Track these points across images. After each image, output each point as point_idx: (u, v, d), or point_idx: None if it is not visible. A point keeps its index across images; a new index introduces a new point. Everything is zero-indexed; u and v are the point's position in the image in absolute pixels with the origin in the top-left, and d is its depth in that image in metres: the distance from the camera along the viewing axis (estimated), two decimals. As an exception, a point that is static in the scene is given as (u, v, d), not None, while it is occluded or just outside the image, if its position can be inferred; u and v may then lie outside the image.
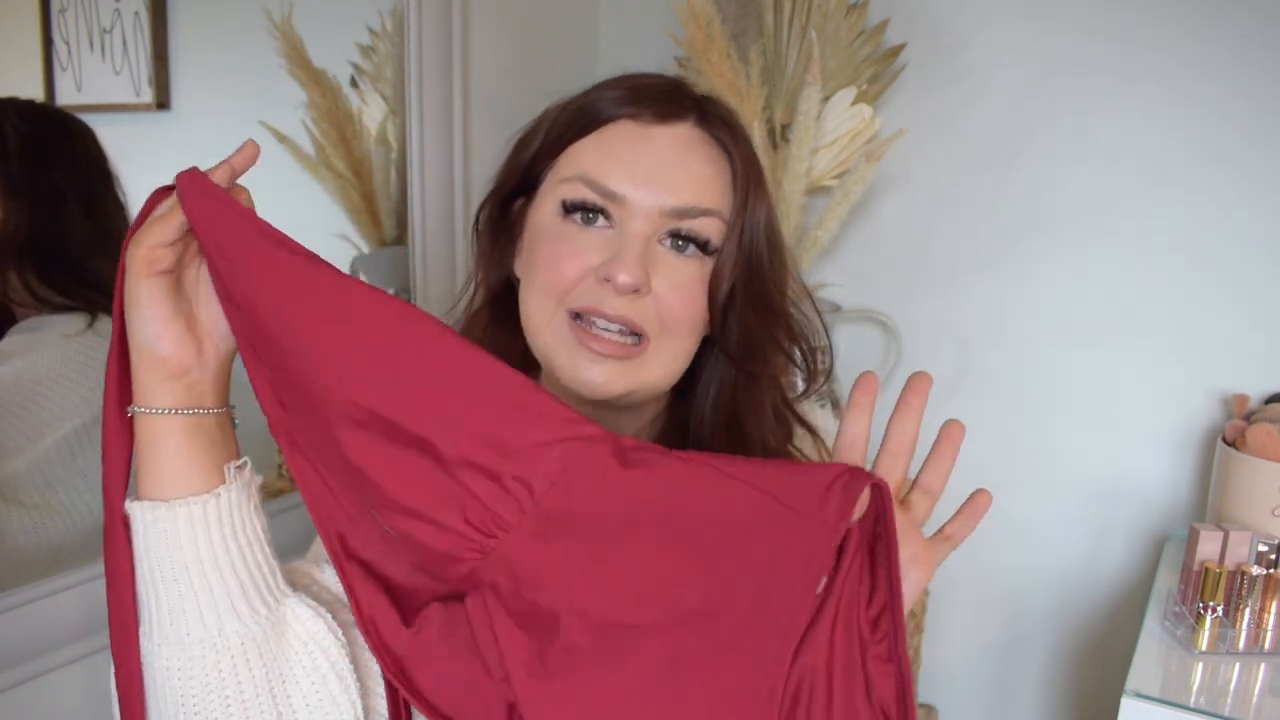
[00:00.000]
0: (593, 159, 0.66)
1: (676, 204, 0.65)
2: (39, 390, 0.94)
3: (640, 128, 0.67)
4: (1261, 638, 1.03)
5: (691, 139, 0.67)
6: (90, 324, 0.96)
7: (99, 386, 0.96)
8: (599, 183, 0.65)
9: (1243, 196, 1.21)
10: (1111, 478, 1.34)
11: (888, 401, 0.61)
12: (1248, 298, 1.23)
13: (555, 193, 0.67)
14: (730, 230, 0.67)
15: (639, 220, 0.65)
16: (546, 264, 0.66)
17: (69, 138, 0.98)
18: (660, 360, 0.67)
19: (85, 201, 0.97)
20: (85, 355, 0.97)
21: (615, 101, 0.67)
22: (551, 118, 0.70)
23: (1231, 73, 1.19)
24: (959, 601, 1.48)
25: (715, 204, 0.67)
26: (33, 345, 0.94)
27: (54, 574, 0.91)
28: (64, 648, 0.91)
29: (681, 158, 0.66)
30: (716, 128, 0.68)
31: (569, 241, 0.66)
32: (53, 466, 0.95)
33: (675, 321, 0.66)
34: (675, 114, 0.67)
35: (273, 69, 1.17)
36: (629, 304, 0.64)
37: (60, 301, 0.95)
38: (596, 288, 0.64)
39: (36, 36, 1.00)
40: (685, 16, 1.22)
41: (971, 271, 1.39)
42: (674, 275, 0.66)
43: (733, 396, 0.72)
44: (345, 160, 1.25)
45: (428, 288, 1.25)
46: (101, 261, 0.98)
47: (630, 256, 0.63)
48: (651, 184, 0.65)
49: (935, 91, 1.37)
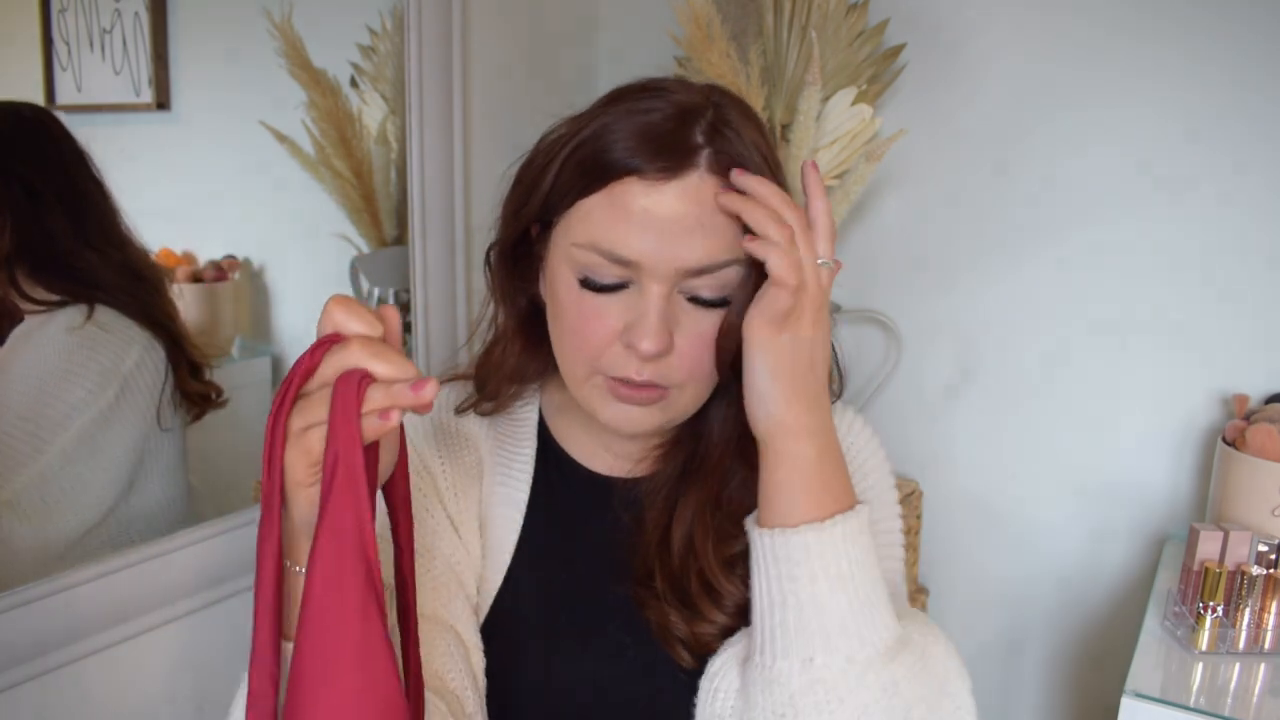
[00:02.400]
0: (603, 225, 0.65)
1: (692, 264, 0.65)
2: (47, 388, 0.94)
3: (647, 186, 0.64)
4: (1261, 638, 1.03)
5: (702, 191, 0.65)
6: (89, 315, 0.97)
7: (107, 378, 0.96)
8: (612, 252, 0.65)
9: (1243, 196, 1.21)
10: (1111, 478, 1.34)
11: (889, 401, 0.61)
12: (1248, 297, 1.23)
13: (570, 257, 0.68)
14: (747, 268, 0.67)
15: (656, 283, 0.65)
16: (573, 330, 0.69)
17: (32, 132, 0.97)
18: (687, 399, 0.71)
19: (64, 196, 0.97)
20: (89, 348, 0.97)
21: (622, 151, 0.65)
22: (557, 157, 0.68)
23: (1234, 72, 1.19)
24: (958, 601, 1.48)
25: (732, 253, 0.66)
26: (36, 345, 0.94)
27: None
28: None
29: (694, 213, 0.65)
30: (733, 158, 0.66)
31: (590, 305, 0.67)
32: (72, 465, 0.95)
33: (700, 370, 0.69)
34: (683, 165, 0.65)
35: (273, 69, 1.17)
36: (654, 368, 0.67)
37: (55, 299, 0.95)
38: (624, 354, 0.67)
39: (36, 36, 1.00)
40: (685, 16, 1.21)
41: (971, 271, 1.39)
42: (695, 328, 0.68)
43: (739, 414, 0.71)
44: (345, 160, 1.25)
45: (428, 288, 1.25)
46: (88, 252, 0.98)
47: (651, 325, 0.65)
48: (663, 248, 0.64)
49: (935, 91, 1.37)
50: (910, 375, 1.45)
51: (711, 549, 0.72)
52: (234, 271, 1.22)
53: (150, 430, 1.03)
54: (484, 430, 0.82)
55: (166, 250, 1.14)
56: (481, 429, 0.82)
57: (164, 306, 1.05)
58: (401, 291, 1.35)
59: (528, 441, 0.81)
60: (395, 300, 1.36)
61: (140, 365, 1.00)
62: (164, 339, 1.04)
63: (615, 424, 0.70)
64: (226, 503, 1.11)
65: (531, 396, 0.83)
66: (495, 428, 0.82)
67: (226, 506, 1.09)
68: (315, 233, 1.32)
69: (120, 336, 1.00)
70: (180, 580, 1.01)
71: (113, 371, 0.98)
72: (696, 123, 0.66)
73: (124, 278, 1.01)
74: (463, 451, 0.81)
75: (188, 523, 1.06)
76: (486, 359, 0.80)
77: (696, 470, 0.76)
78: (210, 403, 1.11)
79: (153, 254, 1.13)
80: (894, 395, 1.46)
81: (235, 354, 1.25)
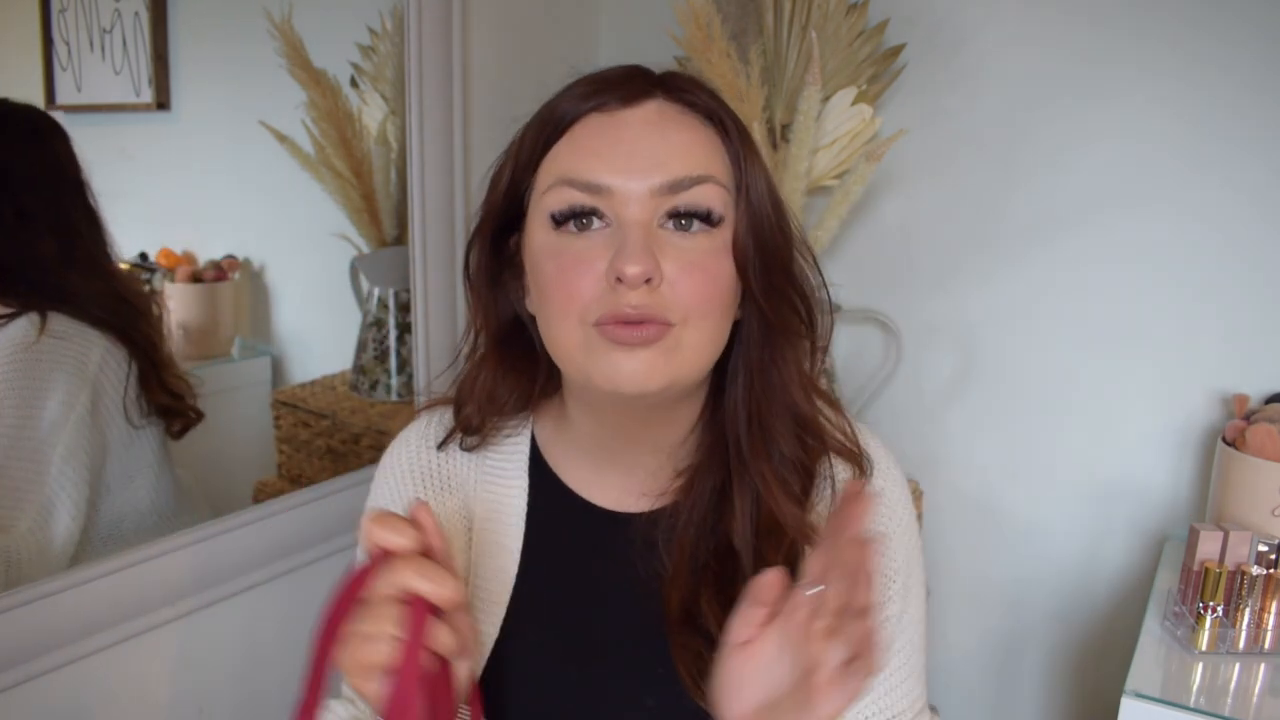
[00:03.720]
0: (568, 160, 0.64)
1: (665, 179, 0.62)
2: (24, 413, 0.92)
3: (608, 116, 0.64)
4: (1261, 638, 1.03)
5: (664, 111, 0.65)
6: (42, 326, 0.93)
7: (76, 385, 0.94)
8: (580, 179, 0.62)
9: (1244, 195, 1.21)
10: (1111, 478, 1.34)
11: (889, 401, 0.61)
12: (1248, 297, 1.23)
13: (541, 207, 0.65)
14: (733, 193, 0.65)
15: (633, 207, 0.62)
16: (555, 284, 0.63)
17: (36, 148, 0.94)
18: (692, 345, 0.63)
19: (53, 222, 0.94)
20: (52, 360, 0.94)
21: (577, 99, 0.65)
22: (519, 136, 0.68)
23: (1236, 72, 1.19)
24: (959, 601, 1.48)
25: (706, 169, 0.64)
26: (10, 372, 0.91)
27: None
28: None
29: (658, 131, 0.64)
30: (688, 95, 0.66)
31: (570, 253, 0.63)
32: (63, 474, 0.94)
33: (697, 303, 0.62)
34: (640, 94, 0.65)
35: (273, 69, 1.17)
36: (646, 296, 0.60)
37: (10, 311, 0.92)
38: (610, 292, 0.61)
39: (36, 36, 1.00)
40: (685, 16, 1.21)
41: (971, 271, 1.39)
42: (684, 256, 0.62)
43: (763, 378, 0.69)
44: (345, 160, 1.25)
45: (428, 288, 1.25)
46: (69, 275, 0.95)
47: (633, 246, 0.60)
48: (633, 166, 0.62)
49: (935, 91, 1.37)
50: (910, 375, 1.45)
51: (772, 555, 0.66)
52: (234, 271, 1.22)
53: (123, 428, 1.02)
54: (471, 469, 0.76)
55: (166, 250, 1.15)
56: (469, 468, 0.76)
57: (146, 332, 1.03)
58: (401, 291, 1.35)
59: (518, 479, 0.74)
60: (395, 300, 1.36)
61: (104, 366, 0.99)
62: (136, 357, 1.02)
63: (614, 381, 0.61)
64: (225, 503, 1.11)
65: (521, 427, 0.76)
66: (483, 465, 0.76)
67: (225, 507, 1.09)
68: (315, 233, 1.32)
69: (78, 342, 0.97)
70: (180, 580, 1.01)
71: (79, 377, 0.96)
72: (648, 72, 0.67)
73: (104, 299, 0.99)
74: (445, 496, 0.75)
75: (183, 519, 1.06)
76: (465, 383, 0.74)
77: (736, 462, 0.69)
78: (188, 420, 1.08)
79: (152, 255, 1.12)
80: (894, 395, 1.46)
81: (235, 354, 1.25)
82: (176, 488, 1.09)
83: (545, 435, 0.76)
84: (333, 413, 1.31)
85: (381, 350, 1.38)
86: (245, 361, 1.26)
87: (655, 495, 0.71)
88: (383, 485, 0.79)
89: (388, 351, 1.38)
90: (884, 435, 0.83)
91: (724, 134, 0.66)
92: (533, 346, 0.72)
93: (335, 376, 1.37)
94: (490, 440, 0.76)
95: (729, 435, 0.70)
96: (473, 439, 0.75)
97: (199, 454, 1.11)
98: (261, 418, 1.30)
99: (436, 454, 0.77)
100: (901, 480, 0.77)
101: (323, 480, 1.19)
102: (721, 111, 0.66)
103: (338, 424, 1.30)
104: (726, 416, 0.70)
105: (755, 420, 0.69)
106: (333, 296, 1.38)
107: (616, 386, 0.62)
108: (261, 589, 1.10)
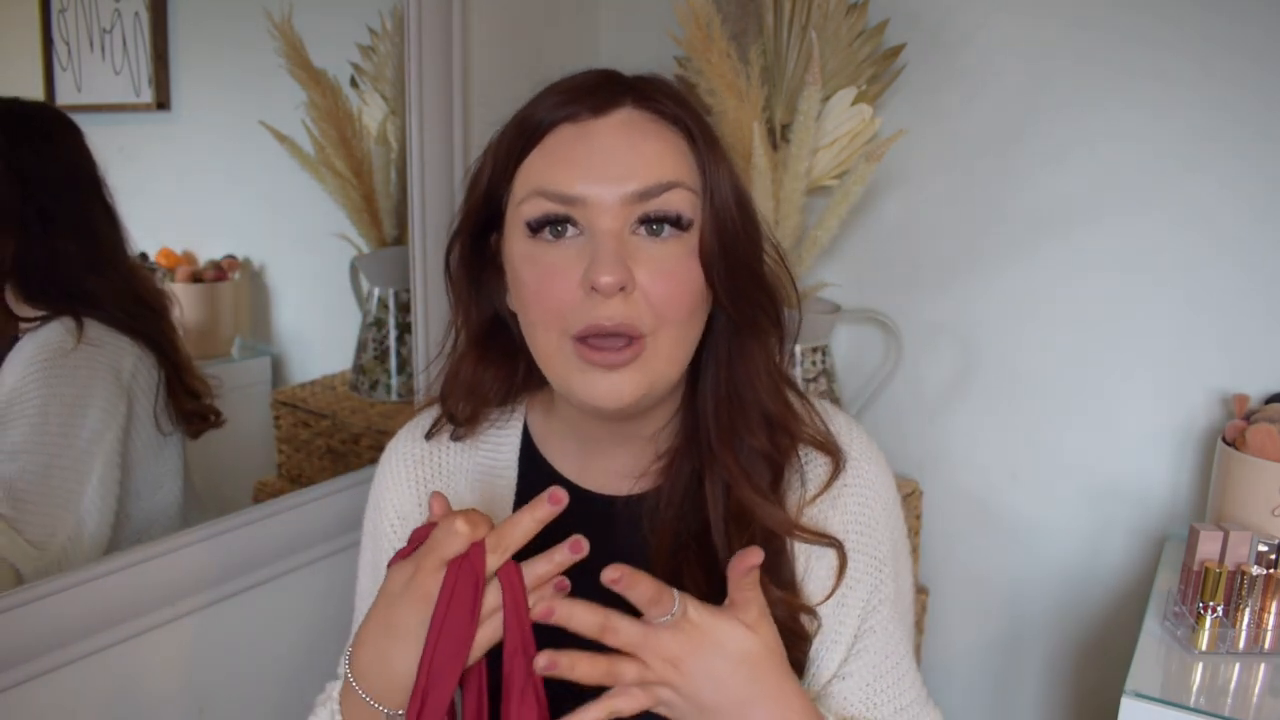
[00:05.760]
0: (541, 170, 0.66)
1: (635, 188, 0.65)
2: (66, 422, 0.91)
3: (579, 126, 0.66)
4: (1261, 638, 1.03)
5: (632, 119, 0.67)
6: (79, 333, 0.93)
7: (115, 394, 0.94)
8: (553, 190, 0.65)
9: (1245, 195, 1.21)
10: (1111, 478, 1.34)
11: (889, 401, 0.61)
12: (1248, 297, 1.23)
13: (518, 215, 0.67)
14: (700, 197, 0.67)
15: (605, 217, 0.64)
16: (533, 293, 0.66)
17: (54, 147, 0.94)
18: (665, 351, 0.66)
19: (74, 221, 0.94)
20: (89, 368, 0.94)
21: (550, 107, 0.67)
22: (494, 144, 0.71)
23: (1236, 71, 1.19)
24: (958, 601, 1.48)
25: (675, 175, 0.66)
26: (39, 378, 0.91)
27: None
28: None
29: (627, 140, 0.66)
30: (657, 102, 0.68)
31: (545, 262, 0.66)
32: (103, 483, 0.94)
33: (670, 309, 0.65)
34: (610, 103, 0.67)
35: (273, 69, 1.17)
36: (621, 305, 0.63)
37: (42, 313, 0.92)
38: (586, 302, 0.64)
39: (36, 36, 1.00)
40: (685, 16, 1.22)
41: (971, 271, 1.39)
42: (656, 263, 0.65)
43: (730, 372, 0.72)
44: (345, 160, 1.26)
45: (428, 288, 1.25)
46: (92, 279, 0.95)
47: (605, 256, 0.63)
48: (605, 176, 0.64)
49: (935, 91, 1.37)
50: (910, 375, 1.45)
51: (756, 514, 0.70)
52: (234, 271, 1.22)
53: (153, 436, 1.02)
54: (464, 460, 0.79)
55: (166, 250, 1.15)
56: (462, 459, 0.80)
57: (166, 333, 1.04)
58: (401, 291, 1.35)
59: (508, 468, 0.78)
60: (395, 300, 1.37)
61: (135, 374, 0.99)
62: (164, 364, 1.02)
63: (593, 398, 0.65)
64: (225, 503, 1.11)
65: (514, 416, 0.80)
66: (475, 456, 0.80)
67: (225, 507, 1.09)
68: (315, 233, 1.32)
69: (112, 349, 0.97)
70: (180, 580, 1.01)
71: (116, 385, 0.97)
72: (618, 78, 0.69)
73: (124, 300, 0.99)
74: (440, 486, 0.78)
75: (188, 523, 1.06)
76: (449, 378, 0.78)
77: (707, 452, 0.72)
78: (208, 423, 1.09)
79: (152, 255, 1.12)
80: (894, 395, 1.46)
81: (235, 354, 1.25)
82: (192, 491, 1.09)
83: (537, 423, 0.80)
84: (333, 413, 1.31)
85: (381, 350, 1.38)
86: (245, 361, 1.26)
87: (638, 477, 0.75)
88: (382, 482, 0.82)
89: (388, 351, 1.38)
90: (884, 435, 0.83)
91: (690, 139, 0.68)
92: (513, 341, 0.75)
93: (335, 376, 1.37)
94: (480, 430, 0.79)
95: (700, 425, 0.73)
96: (460, 430, 0.79)
97: (199, 454, 1.11)
98: (261, 418, 1.30)
99: (429, 446, 0.80)
100: (883, 468, 0.79)
101: (323, 480, 1.19)
102: (688, 118, 0.69)
103: (338, 424, 1.30)
104: (699, 407, 0.73)
105: (724, 413, 0.72)
106: (333, 296, 1.38)
107: (595, 403, 0.66)
108: (262, 589, 1.10)
